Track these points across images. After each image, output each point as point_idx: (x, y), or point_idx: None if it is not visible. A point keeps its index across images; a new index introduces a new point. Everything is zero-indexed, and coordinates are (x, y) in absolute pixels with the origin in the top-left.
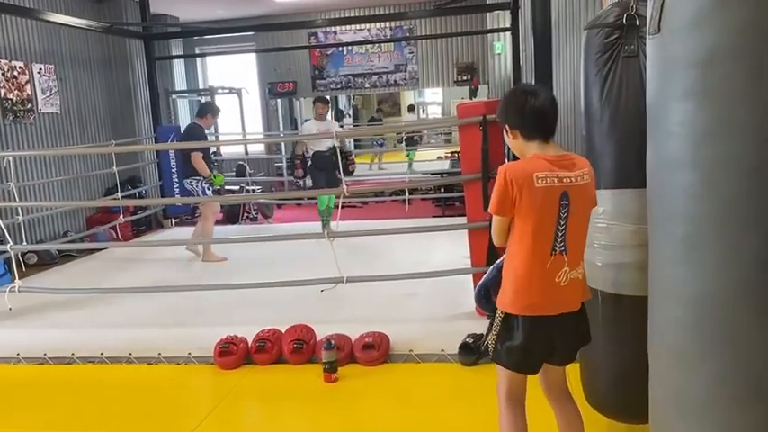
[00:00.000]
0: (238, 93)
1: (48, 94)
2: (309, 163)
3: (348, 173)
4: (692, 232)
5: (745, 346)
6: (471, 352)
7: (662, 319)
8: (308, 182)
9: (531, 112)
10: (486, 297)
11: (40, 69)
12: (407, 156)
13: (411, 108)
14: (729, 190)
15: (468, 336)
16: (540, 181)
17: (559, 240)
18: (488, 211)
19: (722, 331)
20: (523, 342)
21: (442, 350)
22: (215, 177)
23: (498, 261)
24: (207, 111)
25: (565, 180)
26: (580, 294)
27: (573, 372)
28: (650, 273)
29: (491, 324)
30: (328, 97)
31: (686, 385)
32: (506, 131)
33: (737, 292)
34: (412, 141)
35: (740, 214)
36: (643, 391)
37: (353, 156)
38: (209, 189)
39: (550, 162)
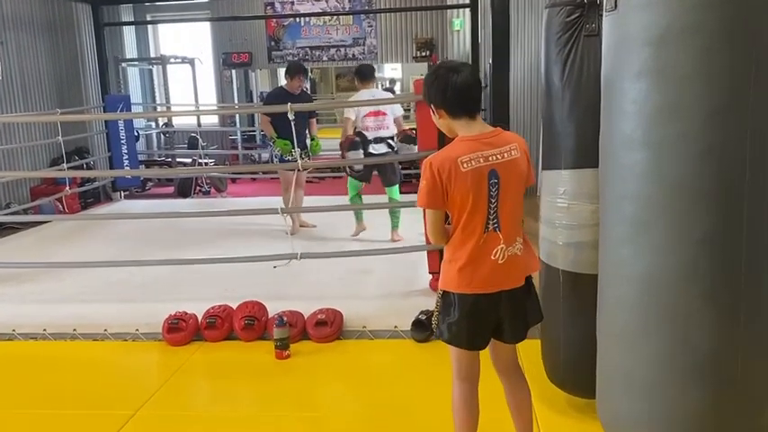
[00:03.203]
0: (191, 62)
1: None
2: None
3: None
4: (640, 212)
5: (689, 326)
6: (424, 328)
7: (609, 298)
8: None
9: (454, 89)
10: None
11: None
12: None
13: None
14: (679, 170)
15: (422, 312)
16: (465, 165)
17: (492, 218)
18: (419, 206)
19: (667, 311)
20: (460, 319)
21: (396, 327)
22: (275, 141)
23: None
24: (286, 72)
25: (491, 158)
26: (522, 270)
27: (532, 349)
28: (600, 252)
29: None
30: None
31: (631, 363)
32: (432, 111)
33: (683, 272)
34: None
35: (689, 195)
36: None
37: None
38: (276, 157)
39: (474, 141)
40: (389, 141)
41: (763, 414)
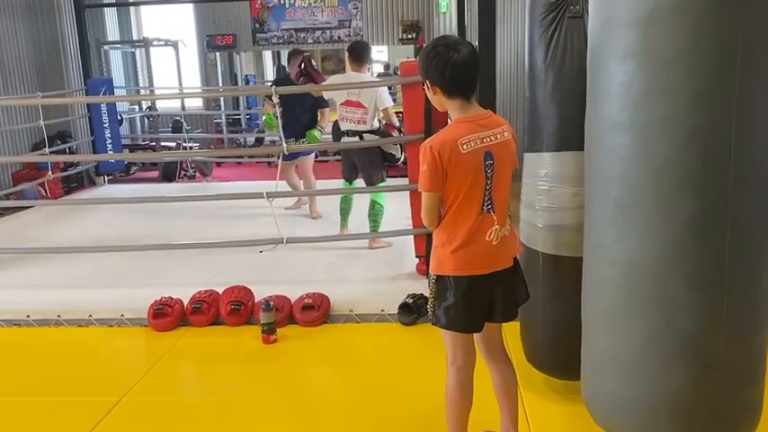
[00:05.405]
0: (175, 45)
1: None
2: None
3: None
4: (625, 194)
5: (673, 307)
6: (411, 312)
7: (594, 280)
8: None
9: (453, 69)
10: None
11: None
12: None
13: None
14: (664, 153)
15: (408, 296)
16: (464, 146)
17: (487, 199)
18: (420, 190)
19: (652, 292)
20: (457, 302)
21: (382, 310)
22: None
23: None
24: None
25: (486, 140)
26: (510, 251)
27: (512, 330)
28: (585, 234)
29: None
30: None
31: (615, 345)
32: (427, 87)
33: (668, 254)
34: None
35: (674, 178)
36: (580, 350)
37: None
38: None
39: (471, 123)
40: (364, 136)
41: (745, 394)
